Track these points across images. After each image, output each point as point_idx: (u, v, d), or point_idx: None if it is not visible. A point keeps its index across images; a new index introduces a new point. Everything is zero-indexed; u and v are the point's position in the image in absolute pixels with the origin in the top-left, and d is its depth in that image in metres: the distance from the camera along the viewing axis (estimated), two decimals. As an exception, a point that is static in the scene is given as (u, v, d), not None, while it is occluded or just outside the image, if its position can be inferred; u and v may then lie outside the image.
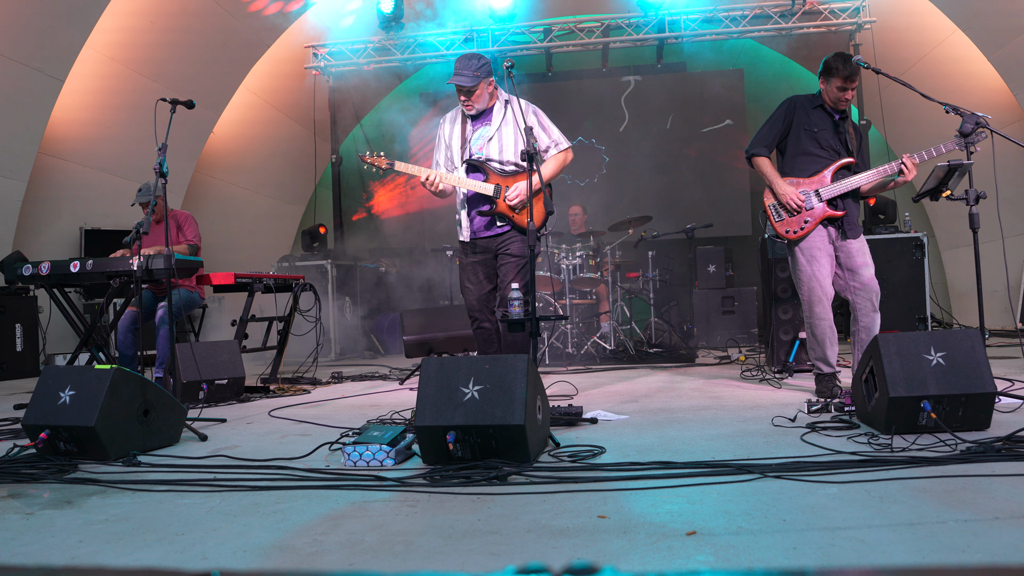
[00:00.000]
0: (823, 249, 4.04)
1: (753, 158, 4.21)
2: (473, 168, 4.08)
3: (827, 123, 4.10)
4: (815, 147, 4.09)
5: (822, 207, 4.02)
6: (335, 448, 3.03)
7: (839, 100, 4.05)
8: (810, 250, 4.05)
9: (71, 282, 5.09)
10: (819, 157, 4.08)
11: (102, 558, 1.82)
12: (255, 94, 9.79)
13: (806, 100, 4.18)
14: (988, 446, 2.49)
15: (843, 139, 4.08)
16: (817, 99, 4.16)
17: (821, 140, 4.07)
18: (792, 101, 4.20)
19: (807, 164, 4.10)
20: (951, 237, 9.32)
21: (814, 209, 4.03)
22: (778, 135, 4.19)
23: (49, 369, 3.10)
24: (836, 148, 4.08)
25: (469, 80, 3.93)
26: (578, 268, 7.09)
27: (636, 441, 2.99)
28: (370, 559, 1.74)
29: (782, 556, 1.65)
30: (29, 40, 6.67)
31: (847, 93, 4.03)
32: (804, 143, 4.11)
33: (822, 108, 4.12)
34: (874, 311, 4.04)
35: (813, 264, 4.05)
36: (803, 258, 4.07)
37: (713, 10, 9.13)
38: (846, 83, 3.99)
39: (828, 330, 4.08)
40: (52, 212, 7.70)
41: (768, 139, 4.19)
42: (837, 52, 4.13)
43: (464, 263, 4.20)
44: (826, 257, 4.04)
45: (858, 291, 4.04)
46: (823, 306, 4.06)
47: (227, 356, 4.89)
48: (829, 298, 4.06)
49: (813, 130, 4.08)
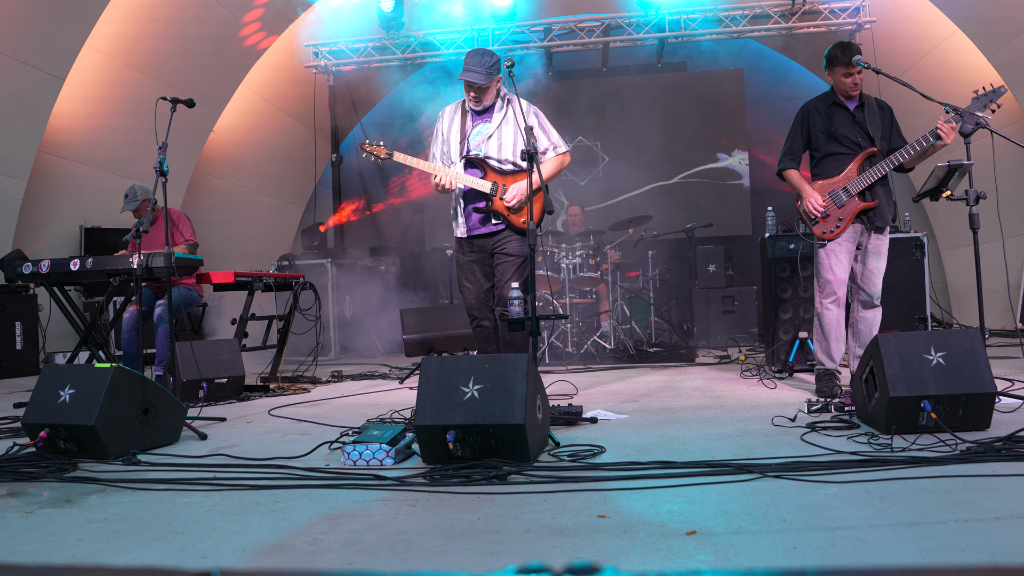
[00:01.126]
0: (844, 245, 4.07)
1: (783, 172, 4.26)
2: (471, 164, 4.09)
3: (844, 118, 4.10)
4: (837, 147, 4.10)
5: (854, 202, 4.04)
6: (335, 447, 3.02)
7: (848, 87, 4.05)
8: (833, 245, 4.08)
9: (71, 280, 5.09)
10: (842, 155, 4.09)
11: (102, 557, 1.82)
12: (255, 93, 9.79)
13: (819, 102, 4.20)
14: (988, 446, 2.49)
15: (864, 128, 4.07)
16: (830, 96, 4.17)
17: (841, 138, 4.08)
18: (805, 109, 4.23)
19: (832, 165, 4.12)
20: (951, 237, 9.32)
21: (846, 206, 4.04)
22: (802, 145, 4.23)
23: (49, 367, 3.10)
24: (857, 141, 4.08)
25: (482, 78, 3.91)
26: (578, 267, 7.09)
27: (636, 441, 2.99)
28: (370, 558, 1.74)
29: (782, 556, 1.65)
30: (30, 38, 6.67)
31: (853, 78, 4.03)
32: (826, 146, 4.13)
33: (836, 104, 4.13)
34: (875, 306, 4.11)
35: (831, 258, 4.08)
36: (823, 252, 4.12)
37: (713, 10, 9.12)
38: (850, 68, 4.00)
39: (835, 324, 4.13)
40: (52, 210, 7.70)
41: (793, 151, 4.24)
42: (836, 42, 4.16)
43: (461, 262, 4.21)
44: (846, 253, 4.08)
45: (864, 284, 4.11)
46: (833, 300, 4.10)
47: (227, 355, 4.89)
48: (841, 292, 4.10)
49: (831, 130, 4.10)
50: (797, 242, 5.18)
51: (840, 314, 4.14)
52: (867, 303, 4.12)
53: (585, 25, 9.41)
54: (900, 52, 8.69)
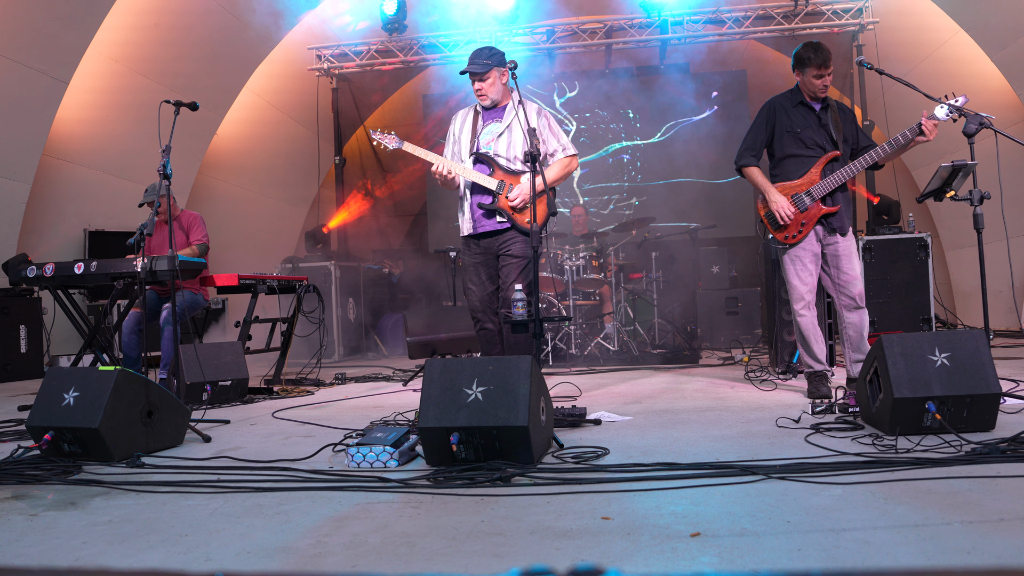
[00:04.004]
0: (807, 249, 4.05)
1: (743, 169, 4.21)
2: (480, 160, 4.14)
3: (810, 119, 4.06)
4: (800, 148, 4.06)
5: (816, 206, 4.01)
6: (339, 449, 3.03)
7: (817, 89, 4.00)
8: (795, 250, 4.06)
9: (75, 284, 5.10)
10: (805, 157, 4.05)
11: (106, 559, 1.82)
12: (258, 96, 9.81)
13: (785, 99, 4.15)
14: (993, 447, 2.48)
15: (828, 132, 4.04)
16: (796, 95, 4.11)
17: (805, 139, 4.04)
18: (771, 104, 4.17)
19: (795, 167, 4.08)
20: (955, 237, 9.29)
21: (808, 210, 4.02)
22: (763, 142, 4.18)
23: (53, 370, 3.11)
24: (821, 144, 4.04)
25: (480, 67, 4.05)
26: (581, 269, 7.09)
27: (640, 442, 2.99)
28: (374, 561, 1.74)
29: (786, 558, 1.65)
30: (33, 42, 6.69)
31: (824, 80, 3.98)
32: (788, 146, 4.09)
33: (802, 104, 4.08)
34: (858, 308, 4.07)
35: (796, 264, 4.07)
36: (787, 259, 4.10)
37: (716, 11, 9.12)
38: (821, 70, 3.95)
39: (811, 327, 4.12)
40: (56, 214, 7.71)
41: (755, 148, 4.18)
42: (806, 42, 4.07)
43: (467, 264, 4.23)
44: (810, 256, 4.06)
45: (841, 288, 4.07)
46: (803, 304, 4.10)
47: (231, 357, 4.89)
48: (811, 297, 4.09)
49: (796, 131, 4.05)
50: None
51: (813, 316, 4.12)
52: (851, 306, 4.06)
53: (587, 27, 9.42)
54: (903, 53, 8.68)
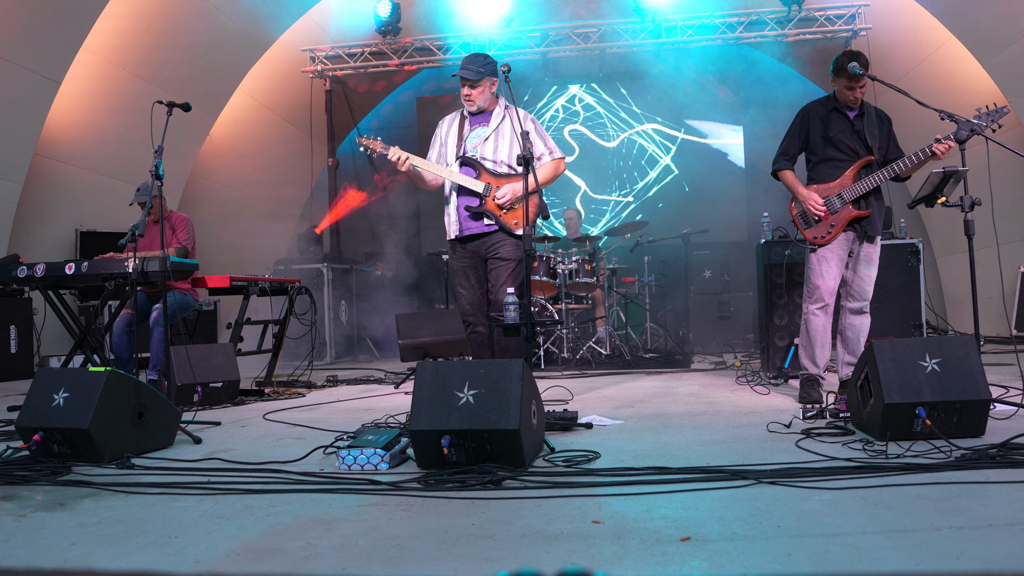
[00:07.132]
0: (836, 252, 4.06)
1: (778, 173, 4.25)
2: (466, 164, 4.15)
3: (843, 125, 4.09)
4: (834, 152, 4.09)
5: (847, 209, 4.03)
6: (329, 452, 3.02)
7: (849, 100, 4.04)
8: (824, 251, 4.07)
9: (66, 284, 5.08)
10: (840, 161, 4.08)
11: (94, 561, 1.81)
12: (252, 97, 9.79)
13: (820, 106, 4.18)
14: (983, 453, 2.49)
15: (862, 138, 4.06)
16: (831, 102, 4.15)
17: (839, 144, 4.07)
18: (806, 110, 4.21)
19: (829, 171, 4.11)
20: (946, 243, 9.34)
21: (839, 212, 4.04)
22: (799, 147, 4.22)
23: (43, 371, 3.09)
24: (856, 149, 4.07)
25: (473, 74, 4.07)
26: (574, 273, 7.09)
27: (631, 446, 2.99)
28: (364, 563, 1.73)
29: (776, 563, 1.65)
30: (25, 42, 6.66)
31: (855, 92, 4.01)
32: (823, 150, 4.12)
33: (836, 110, 4.12)
34: (863, 313, 4.10)
35: (822, 264, 4.08)
36: (815, 258, 4.11)
37: (710, 16, 9.16)
38: (852, 82, 3.98)
39: (820, 330, 4.13)
40: (48, 214, 7.68)
41: (789, 152, 4.22)
42: (846, 50, 4.12)
43: (455, 267, 4.23)
44: (837, 260, 4.07)
45: (853, 290, 4.10)
46: (820, 305, 4.10)
47: (222, 359, 4.88)
48: (830, 300, 4.09)
49: (830, 135, 4.08)
50: (793, 248, 5.19)
51: (827, 321, 4.13)
52: (856, 310, 4.11)
53: (582, 31, 9.44)
54: (895, 59, 8.73)
